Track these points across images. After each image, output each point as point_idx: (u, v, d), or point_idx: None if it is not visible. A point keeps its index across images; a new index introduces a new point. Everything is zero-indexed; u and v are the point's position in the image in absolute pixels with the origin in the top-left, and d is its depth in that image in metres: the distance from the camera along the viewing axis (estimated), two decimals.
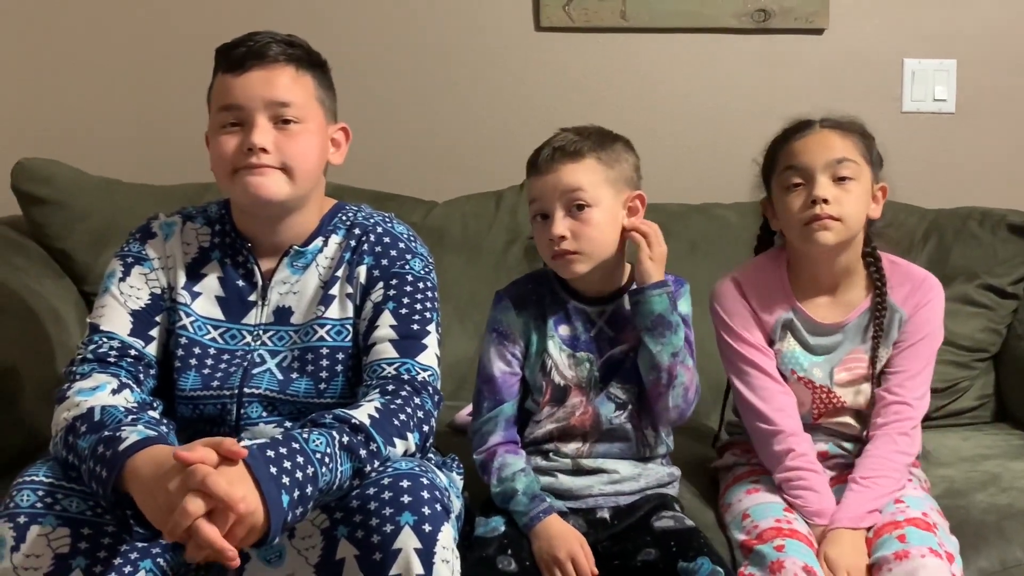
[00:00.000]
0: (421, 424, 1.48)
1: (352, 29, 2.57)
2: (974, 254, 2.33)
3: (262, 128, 1.54)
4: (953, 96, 2.63)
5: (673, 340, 1.66)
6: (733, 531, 1.69)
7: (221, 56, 1.59)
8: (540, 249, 1.70)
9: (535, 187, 1.68)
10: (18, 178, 2.28)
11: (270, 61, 1.56)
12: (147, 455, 1.32)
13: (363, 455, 1.38)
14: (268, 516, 1.26)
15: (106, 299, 1.60)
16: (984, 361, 2.29)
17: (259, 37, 1.57)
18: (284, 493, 1.27)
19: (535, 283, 1.78)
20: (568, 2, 2.57)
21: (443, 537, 1.34)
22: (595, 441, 1.74)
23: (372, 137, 2.60)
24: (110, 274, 1.63)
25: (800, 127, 1.76)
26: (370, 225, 1.66)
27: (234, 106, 1.55)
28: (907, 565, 1.54)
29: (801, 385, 1.80)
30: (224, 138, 1.57)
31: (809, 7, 2.57)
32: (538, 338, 1.73)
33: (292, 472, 1.29)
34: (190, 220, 1.67)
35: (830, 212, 1.69)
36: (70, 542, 1.37)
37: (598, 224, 1.66)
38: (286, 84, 1.56)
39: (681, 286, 1.77)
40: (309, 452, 1.32)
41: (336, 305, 1.61)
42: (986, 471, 1.92)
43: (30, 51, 2.59)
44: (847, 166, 1.71)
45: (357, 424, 1.39)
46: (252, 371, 1.60)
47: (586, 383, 1.72)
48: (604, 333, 1.73)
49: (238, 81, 1.55)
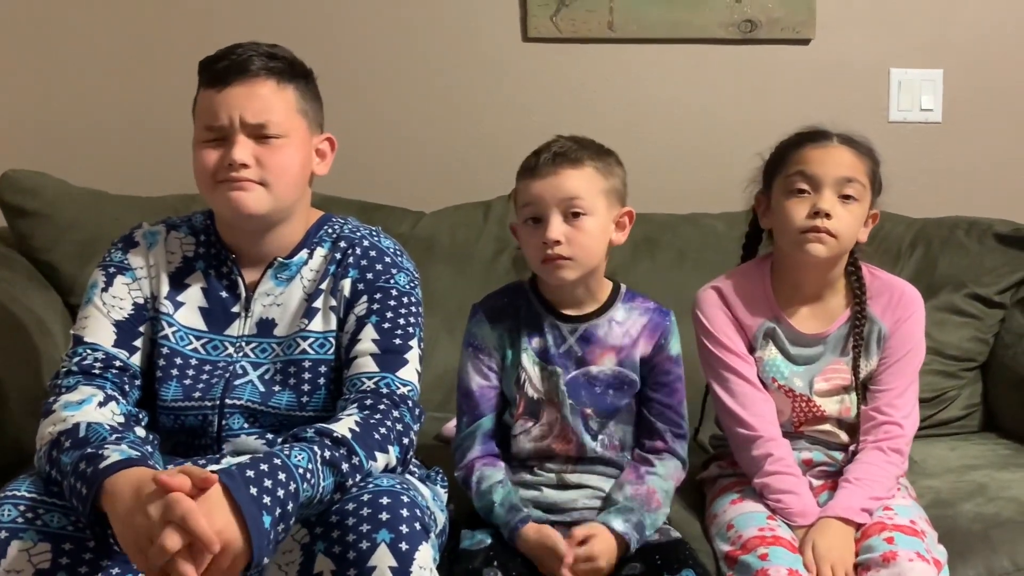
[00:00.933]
0: (400, 437, 1.48)
1: (340, 39, 2.57)
2: (961, 263, 2.33)
3: (242, 144, 1.54)
4: (940, 106, 2.64)
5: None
6: (718, 542, 1.69)
7: (204, 70, 1.59)
8: (529, 253, 1.69)
9: (531, 190, 1.66)
10: (3, 189, 2.27)
11: (251, 76, 1.55)
12: (126, 476, 1.31)
13: (345, 469, 1.37)
14: (250, 540, 1.25)
15: (89, 310, 1.60)
16: (971, 371, 2.30)
17: (241, 50, 1.57)
18: (265, 514, 1.26)
19: (511, 296, 1.77)
20: (556, 12, 2.57)
21: (420, 557, 1.33)
22: (578, 462, 1.74)
23: (360, 147, 2.60)
24: (92, 284, 1.62)
25: (817, 136, 1.77)
26: (356, 238, 1.65)
27: (215, 125, 1.55)
28: (894, 568, 1.55)
29: (781, 394, 1.80)
30: (206, 151, 1.56)
31: (796, 17, 2.58)
32: (512, 351, 1.73)
33: (273, 490, 1.28)
34: (174, 229, 1.67)
35: (829, 227, 1.70)
36: (51, 558, 1.36)
37: (591, 233, 1.66)
38: (267, 98, 1.56)
39: (666, 318, 1.75)
40: (291, 468, 1.31)
41: (319, 318, 1.61)
42: (973, 481, 1.92)
43: (15, 62, 2.58)
44: (854, 186, 1.72)
45: (339, 438, 1.39)
46: (234, 382, 1.59)
47: (558, 398, 1.71)
48: (573, 351, 1.72)
49: (219, 97, 1.55)
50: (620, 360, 1.72)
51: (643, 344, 1.73)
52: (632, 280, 1.84)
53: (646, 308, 1.75)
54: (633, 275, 2.18)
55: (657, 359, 1.73)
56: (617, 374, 1.72)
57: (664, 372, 1.73)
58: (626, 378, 1.72)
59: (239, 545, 1.25)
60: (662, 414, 1.74)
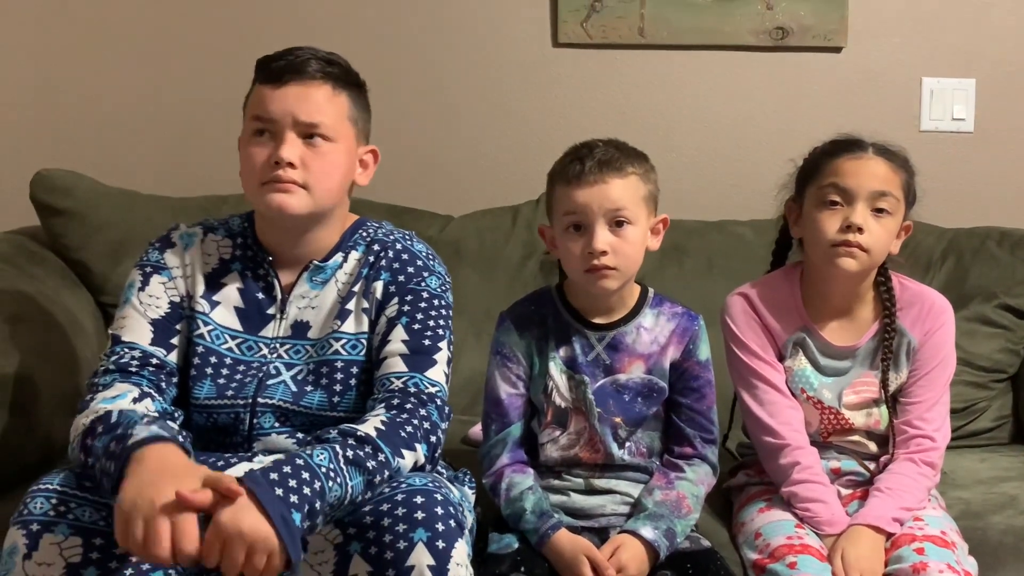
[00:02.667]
0: (428, 435, 1.49)
1: (371, 44, 2.58)
2: (992, 274, 2.31)
3: (291, 142, 1.56)
4: (972, 115, 2.61)
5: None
6: (746, 551, 1.68)
7: (261, 67, 1.61)
8: (570, 261, 1.66)
9: (576, 198, 1.63)
10: (37, 189, 2.30)
11: (307, 77, 1.57)
12: (155, 450, 1.33)
13: (371, 466, 1.38)
14: (281, 539, 1.27)
15: (126, 310, 1.61)
16: (1002, 382, 2.27)
17: (300, 52, 1.59)
18: (294, 511, 1.28)
19: (537, 303, 1.77)
20: (586, 19, 2.57)
21: (457, 554, 1.34)
22: (605, 469, 1.73)
23: (390, 151, 2.57)
24: (130, 284, 1.64)
25: (851, 146, 1.75)
26: (390, 242, 1.67)
27: (267, 118, 1.57)
28: None
29: (810, 405, 1.79)
30: (254, 149, 1.58)
31: (828, 25, 2.57)
32: (540, 359, 1.73)
33: (299, 489, 1.30)
34: (211, 232, 1.68)
35: (861, 241, 1.69)
36: (82, 551, 1.37)
37: (635, 242, 1.65)
38: (320, 102, 1.58)
39: (695, 323, 1.74)
40: (314, 467, 1.33)
41: (352, 319, 1.62)
42: (1003, 493, 1.90)
43: (50, 62, 2.61)
44: (888, 200, 1.71)
45: (363, 436, 1.40)
46: (267, 382, 1.60)
47: (586, 407, 1.71)
48: (600, 359, 1.72)
49: (275, 94, 1.57)
50: (649, 368, 1.71)
51: (672, 350, 1.72)
52: (660, 287, 1.83)
53: (674, 313, 1.74)
54: (661, 281, 2.16)
55: (686, 364, 1.72)
56: (646, 382, 1.71)
57: (693, 377, 1.73)
58: (655, 386, 1.71)
59: (273, 543, 1.26)
60: (692, 419, 1.73)
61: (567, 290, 1.76)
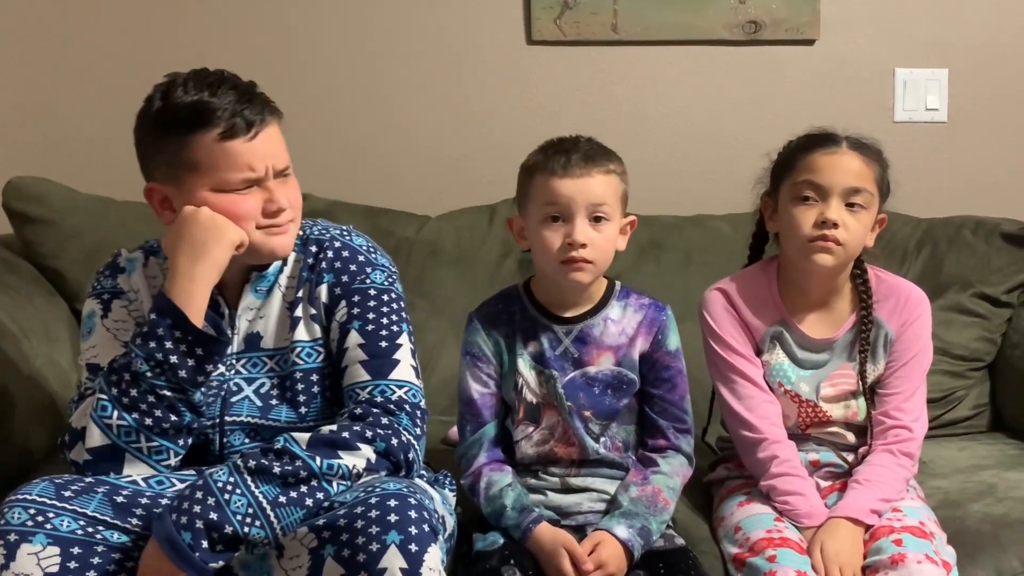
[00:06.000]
0: (389, 437, 1.46)
1: (344, 43, 2.57)
2: (968, 263, 2.33)
3: (277, 186, 1.55)
4: (945, 105, 2.63)
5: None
6: (726, 545, 1.69)
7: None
8: (545, 252, 1.66)
9: (560, 189, 1.63)
10: (9, 196, 2.28)
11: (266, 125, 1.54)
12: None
13: (278, 471, 1.39)
14: (171, 559, 1.34)
15: (94, 339, 1.59)
16: (979, 371, 2.29)
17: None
18: (182, 531, 1.35)
19: (504, 302, 1.77)
20: (559, 15, 2.57)
21: (430, 558, 1.33)
22: (582, 465, 1.73)
23: (365, 151, 2.61)
24: (90, 315, 1.61)
25: (825, 140, 1.75)
26: (327, 240, 1.62)
27: (251, 174, 1.51)
28: (903, 570, 1.54)
29: (787, 398, 1.80)
30: (245, 199, 1.52)
31: (800, 18, 2.58)
32: (509, 356, 1.73)
33: (189, 509, 1.36)
34: (153, 255, 1.64)
35: (836, 236, 1.69)
36: (59, 561, 1.37)
37: (610, 239, 1.66)
38: (280, 143, 1.55)
39: (662, 313, 1.74)
40: (210, 484, 1.38)
41: (302, 327, 1.59)
42: (982, 481, 1.91)
43: (22, 68, 2.59)
44: (862, 195, 1.72)
45: (279, 449, 1.41)
46: (231, 399, 1.59)
47: (556, 401, 1.71)
48: (569, 353, 1.72)
49: (249, 147, 1.50)
50: (618, 360, 1.72)
51: (641, 341, 1.72)
52: (638, 283, 1.84)
53: (641, 304, 1.75)
54: (639, 277, 2.18)
55: (656, 355, 1.72)
56: (616, 374, 1.71)
57: (664, 367, 1.73)
58: (625, 378, 1.72)
59: (167, 565, 1.35)
60: (664, 410, 1.73)
61: (534, 286, 1.76)
